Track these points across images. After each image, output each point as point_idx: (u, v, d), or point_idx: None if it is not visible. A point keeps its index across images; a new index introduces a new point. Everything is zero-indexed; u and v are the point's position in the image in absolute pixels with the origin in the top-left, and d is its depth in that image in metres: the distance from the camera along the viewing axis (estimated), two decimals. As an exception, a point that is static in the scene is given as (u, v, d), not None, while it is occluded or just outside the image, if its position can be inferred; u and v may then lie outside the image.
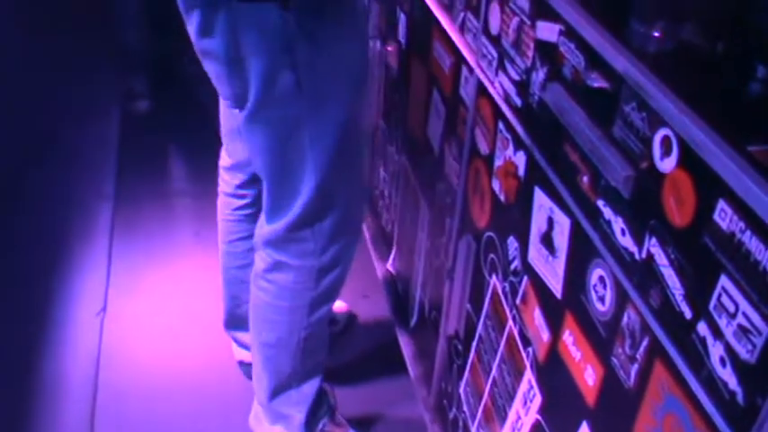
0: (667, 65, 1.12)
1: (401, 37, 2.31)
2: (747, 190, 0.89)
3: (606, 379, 1.24)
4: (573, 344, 1.34)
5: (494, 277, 1.69)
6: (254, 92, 1.63)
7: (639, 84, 1.09)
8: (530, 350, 1.53)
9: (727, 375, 0.93)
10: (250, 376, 2.26)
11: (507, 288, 1.62)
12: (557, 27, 1.30)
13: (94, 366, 2.54)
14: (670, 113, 1.03)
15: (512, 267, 1.58)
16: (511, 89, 1.49)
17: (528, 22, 1.41)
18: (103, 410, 2.42)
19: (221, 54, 1.61)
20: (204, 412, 2.43)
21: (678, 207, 1.02)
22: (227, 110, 2.03)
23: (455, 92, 1.83)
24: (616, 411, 1.21)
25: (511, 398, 1.62)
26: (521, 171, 1.50)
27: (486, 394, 1.76)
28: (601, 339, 1.25)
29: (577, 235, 1.30)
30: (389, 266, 2.67)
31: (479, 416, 1.81)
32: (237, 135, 1.90)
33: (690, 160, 0.99)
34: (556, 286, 1.39)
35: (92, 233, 3.09)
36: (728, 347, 0.93)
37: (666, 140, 1.04)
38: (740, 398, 0.91)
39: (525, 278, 1.52)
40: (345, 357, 2.59)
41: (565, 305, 1.37)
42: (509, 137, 1.53)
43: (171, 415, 2.43)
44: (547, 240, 1.41)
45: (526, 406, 1.55)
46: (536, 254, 1.47)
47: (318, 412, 2.21)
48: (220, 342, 2.55)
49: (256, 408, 2.24)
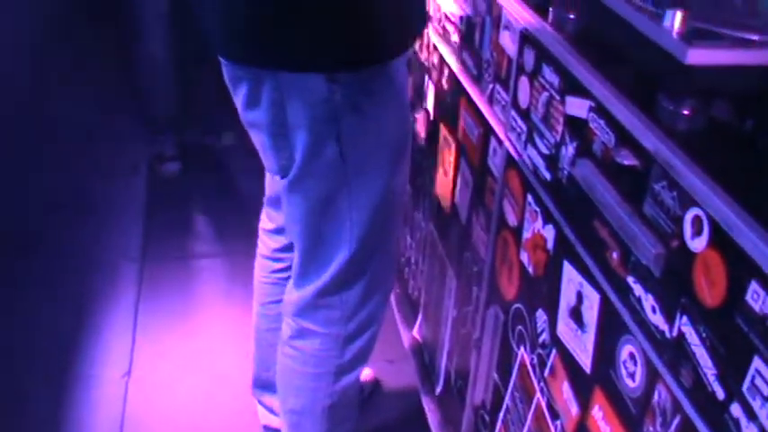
0: (697, 143, 1.13)
1: (429, 105, 2.33)
2: (779, 272, 0.89)
3: (637, 457, 1.23)
4: (602, 419, 1.33)
5: (522, 349, 1.68)
6: (298, 162, 1.65)
7: (670, 163, 1.09)
8: (558, 423, 1.52)
9: (761, 459, 0.92)
10: (275, 442, 2.26)
11: (535, 360, 1.61)
12: (586, 103, 1.31)
13: (119, 430, 2.53)
14: (701, 193, 1.03)
15: (540, 340, 1.58)
16: (540, 163, 1.50)
17: (557, 98, 1.42)
18: (128, 475, 2.41)
19: (267, 125, 1.64)
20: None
21: (709, 287, 1.02)
22: (270, 176, 2.05)
23: (483, 162, 1.84)
24: (647, 490, 1.20)
25: (539, 471, 1.61)
26: (549, 244, 1.50)
27: (513, 467, 1.75)
28: (631, 416, 1.24)
29: (607, 310, 1.30)
30: (416, 333, 2.66)
31: (506, 488, 1.80)
32: (279, 201, 1.92)
33: (721, 240, 0.99)
34: (585, 361, 1.39)
35: (118, 294, 3.11)
36: (763, 430, 0.92)
37: (697, 220, 1.04)
38: (775, 482, 0.90)
39: (554, 351, 1.52)
40: (371, 424, 2.57)
41: (594, 380, 1.36)
42: (538, 210, 1.54)
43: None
44: (576, 314, 1.41)
45: (554, 480, 1.54)
46: (565, 327, 1.46)
47: (345, 481, 2.20)
48: (246, 406, 2.55)
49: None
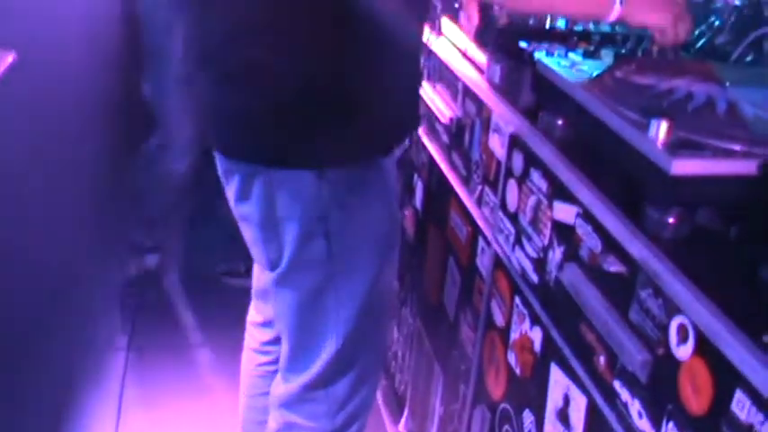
0: (682, 251, 1.15)
1: (418, 203, 2.36)
2: (765, 382, 0.91)
3: None
4: None
5: (508, 449, 1.68)
6: (287, 256, 1.67)
7: (655, 271, 1.12)
8: None
9: None
10: None
11: (522, 462, 1.61)
12: (574, 209, 1.34)
13: None
14: (686, 302, 1.05)
15: (527, 441, 1.58)
16: (528, 265, 1.52)
17: (545, 202, 1.45)
18: None
19: (257, 218, 1.66)
20: None
21: (695, 395, 1.03)
22: (259, 269, 2.07)
23: (471, 262, 1.86)
24: None
25: None
26: (537, 346, 1.51)
27: None
28: None
29: (594, 414, 1.30)
30: (402, 428, 2.64)
31: None
32: (267, 294, 1.93)
33: (706, 349, 1.01)
34: (572, 464, 1.39)
35: (103, 384, 3.08)
36: None
37: (683, 328, 1.06)
38: None
39: (541, 453, 1.52)
40: None
41: (581, 483, 1.36)
42: (525, 312, 1.56)
43: None
44: (563, 417, 1.41)
45: None
46: (552, 429, 1.46)
47: None
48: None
49: None
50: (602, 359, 1.25)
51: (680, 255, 1.13)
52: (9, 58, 2.61)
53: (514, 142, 1.59)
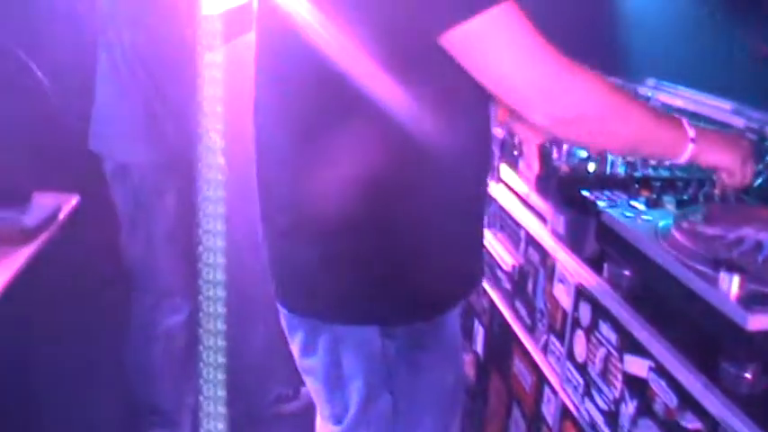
0: (761, 407, 1.13)
1: (479, 348, 2.35)
2: None
3: None
4: None
5: None
6: (352, 411, 1.65)
7: (734, 429, 1.09)
8: None
9: None
10: None
11: None
12: (646, 363, 1.32)
13: None
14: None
15: None
16: (599, 418, 1.50)
17: (615, 354, 1.43)
18: None
19: (322, 374, 1.64)
20: None
21: None
22: (322, 421, 2.04)
23: (537, 411, 1.83)
24: None
25: None
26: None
27: None
28: None
29: None
30: None
31: None
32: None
33: None
34: None
35: None
36: None
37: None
38: None
39: None
40: None
41: None
42: (598, 466, 1.52)
43: None
44: None
45: None
46: None
47: None
48: None
49: None
50: None
51: (759, 411, 1.11)
52: (73, 201, 2.69)
53: (580, 293, 1.59)
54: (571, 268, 1.65)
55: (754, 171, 1.60)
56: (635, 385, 1.37)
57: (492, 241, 2.15)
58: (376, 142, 1.40)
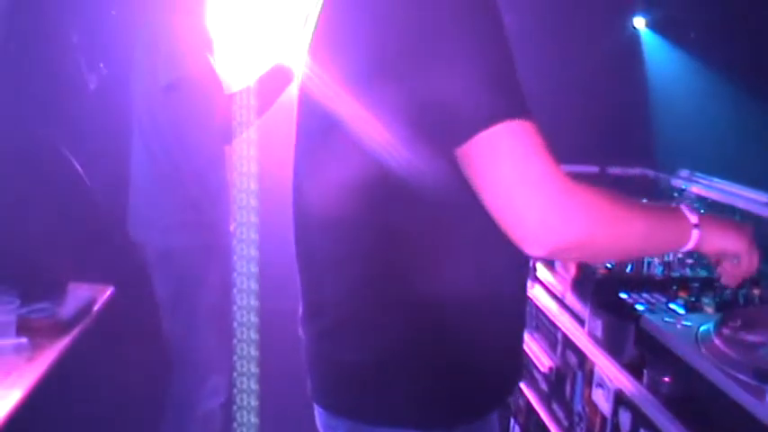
0: None
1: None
2: None
3: None
4: None
5: None
6: None
7: None
8: None
9: None
10: None
11: None
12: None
13: None
14: None
15: None
16: None
17: (656, 464, 1.40)
18: None
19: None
20: None
21: None
22: None
23: None
24: None
25: None
26: None
27: None
28: None
29: None
30: None
31: None
32: None
33: None
34: None
35: None
36: None
37: None
38: None
39: None
40: None
41: None
42: None
43: None
44: None
45: None
46: None
47: None
48: None
49: None
50: None
51: None
52: (107, 292, 2.71)
53: (620, 398, 1.56)
54: (610, 373, 1.62)
55: (759, 257, 1.57)
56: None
57: (528, 341, 2.13)
58: (438, 249, 1.40)
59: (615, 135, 3.19)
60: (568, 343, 1.87)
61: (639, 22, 3.38)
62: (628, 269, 1.87)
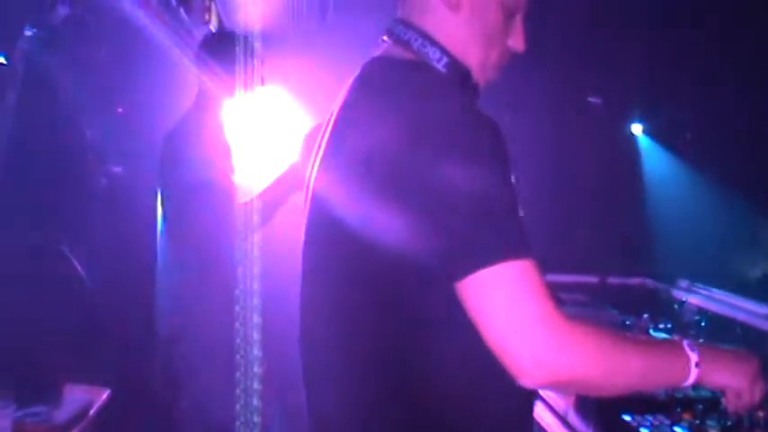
0: None
1: None
2: None
3: None
4: None
5: None
6: None
7: None
8: None
9: None
10: None
11: None
12: None
13: None
14: None
15: None
16: None
17: None
18: None
19: None
20: None
21: None
22: None
23: None
24: None
25: None
26: None
27: None
28: None
29: None
30: None
31: None
32: None
33: None
34: None
35: None
36: None
37: None
38: None
39: None
40: None
41: None
42: None
43: None
44: None
45: None
46: None
47: None
48: None
49: None
50: None
51: None
52: (104, 395, 2.68)
53: None
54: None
55: (764, 390, 1.55)
56: None
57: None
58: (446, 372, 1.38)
59: (615, 244, 3.20)
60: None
61: (637, 129, 3.43)
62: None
